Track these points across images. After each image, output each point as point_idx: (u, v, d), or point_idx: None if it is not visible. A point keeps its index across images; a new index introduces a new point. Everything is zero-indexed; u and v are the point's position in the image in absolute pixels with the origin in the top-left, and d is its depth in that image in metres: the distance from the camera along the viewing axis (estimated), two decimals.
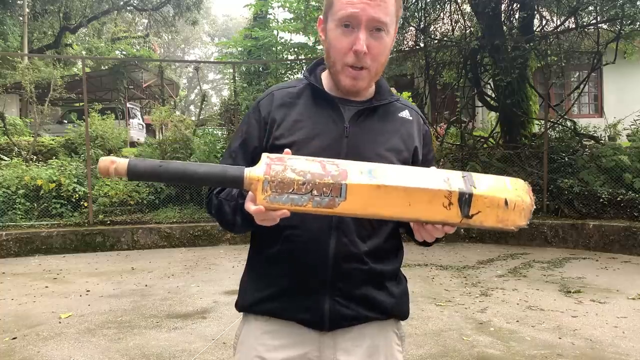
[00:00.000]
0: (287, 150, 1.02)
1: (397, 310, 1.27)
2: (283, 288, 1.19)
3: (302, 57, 12.38)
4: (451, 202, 0.99)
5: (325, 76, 1.28)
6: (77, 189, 8.33)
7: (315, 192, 0.96)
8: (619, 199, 7.35)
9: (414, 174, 1.02)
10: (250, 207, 0.99)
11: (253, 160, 1.17)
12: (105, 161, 0.98)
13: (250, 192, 0.99)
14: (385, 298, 1.23)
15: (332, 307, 1.17)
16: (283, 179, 0.96)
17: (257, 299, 1.23)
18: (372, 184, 0.98)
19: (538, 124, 9.73)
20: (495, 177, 1.06)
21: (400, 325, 1.31)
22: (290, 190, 0.96)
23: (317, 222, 1.13)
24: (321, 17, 1.25)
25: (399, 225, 1.26)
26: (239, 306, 1.28)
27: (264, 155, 1.01)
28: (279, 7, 12.53)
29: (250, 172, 0.98)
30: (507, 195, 1.02)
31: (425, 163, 1.28)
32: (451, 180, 1.01)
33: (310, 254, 1.15)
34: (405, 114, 1.29)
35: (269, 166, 0.98)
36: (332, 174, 0.98)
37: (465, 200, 0.99)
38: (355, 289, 1.18)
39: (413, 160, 1.25)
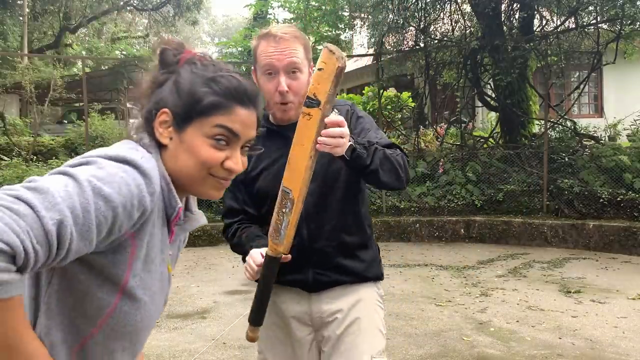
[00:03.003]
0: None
1: (370, 273, 1.65)
2: (282, 265, 1.52)
3: None
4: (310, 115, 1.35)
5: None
6: None
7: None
8: (619, 199, 7.35)
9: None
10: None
11: (245, 187, 1.64)
12: None
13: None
14: (355, 264, 1.62)
15: (314, 276, 1.59)
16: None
17: None
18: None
19: (538, 124, 9.72)
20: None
21: (379, 286, 1.69)
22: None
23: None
24: (253, 67, 1.61)
25: (353, 201, 1.65)
26: None
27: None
28: (279, 7, 12.54)
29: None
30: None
31: (358, 134, 1.59)
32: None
33: (295, 241, 1.47)
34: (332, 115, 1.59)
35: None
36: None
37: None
38: (328, 261, 1.59)
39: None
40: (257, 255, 1.48)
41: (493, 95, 9.92)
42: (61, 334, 0.87)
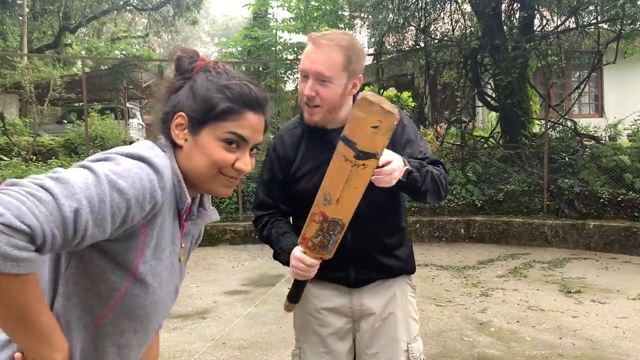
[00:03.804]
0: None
1: (405, 269, 1.78)
2: (326, 264, 1.61)
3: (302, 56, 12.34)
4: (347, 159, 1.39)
5: None
6: None
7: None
8: (619, 199, 7.34)
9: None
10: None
11: (282, 186, 1.73)
12: None
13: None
14: (393, 262, 1.74)
15: (356, 274, 1.71)
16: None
17: None
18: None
19: (538, 124, 9.72)
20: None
21: (411, 278, 1.82)
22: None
23: None
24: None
25: (395, 207, 1.76)
26: None
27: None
28: (278, 6, 12.52)
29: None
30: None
31: (404, 145, 1.67)
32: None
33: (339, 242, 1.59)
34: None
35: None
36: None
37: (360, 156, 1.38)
38: (369, 261, 1.71)
39: (395, 147, 1.63)
40: (302, 256, 1.54)
41: (493, 95, 9.92)
42: (77, 313, 0.95)
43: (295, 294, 1.66)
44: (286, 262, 1.63)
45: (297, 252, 1.55)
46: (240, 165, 1.04)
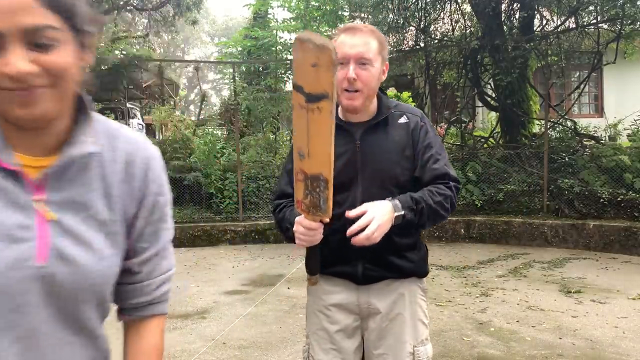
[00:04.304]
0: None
1: (416, 272, 1.75)
2: (334, 258, 1.70)
3: None
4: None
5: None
6: None
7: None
8: (619, 199, 7.34)
9: None
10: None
11: None
12: None
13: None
14: (404, 263, 1.72)
15: (364, 270, 1.70)
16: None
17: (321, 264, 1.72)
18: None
19: (538, 124, 9.72)
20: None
21: (422, 281, 1.80)
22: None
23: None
24: None
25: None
26: None
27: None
28: (278, 6, 12.53)
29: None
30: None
31: (423, 150, 1.70)
32: None
33: (346, 237, 1.58)
34: (403, 119, 1.73)
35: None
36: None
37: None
38: (378, 258, 1.69)
39: (415, 150, 1.71)
40: (300, 219, 1.53)
41: (493, 95, 9.92)
42: None
43: (309, 264, 1.68)
44: (292, 238, 1.63)
45: (298, 218, 1.57)
46: (4, 69, 0.74)
